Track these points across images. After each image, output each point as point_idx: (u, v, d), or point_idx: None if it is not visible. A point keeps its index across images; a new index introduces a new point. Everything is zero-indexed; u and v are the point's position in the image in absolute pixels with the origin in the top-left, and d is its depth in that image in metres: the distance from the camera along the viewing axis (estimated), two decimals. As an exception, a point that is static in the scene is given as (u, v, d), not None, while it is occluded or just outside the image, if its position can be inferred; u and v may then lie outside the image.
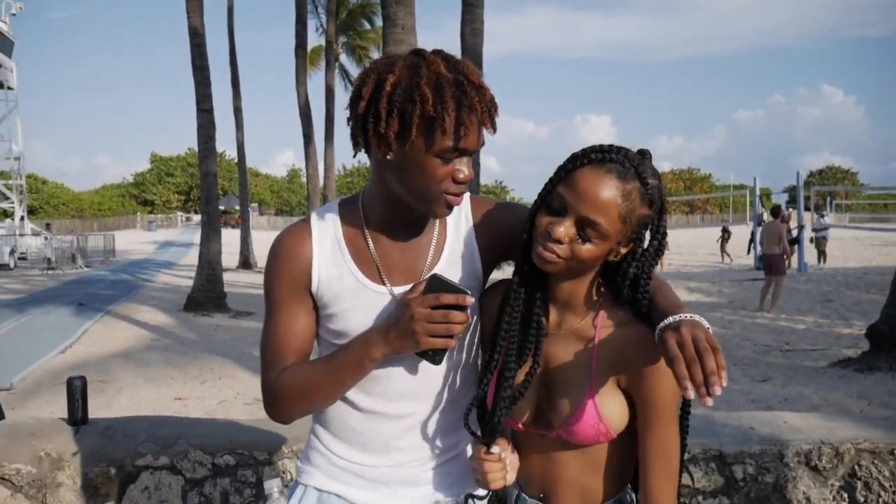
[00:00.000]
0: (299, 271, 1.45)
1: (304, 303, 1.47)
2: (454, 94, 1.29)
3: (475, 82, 1.32)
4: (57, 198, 69.05)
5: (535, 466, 1.47)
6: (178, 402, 7.18)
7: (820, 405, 6.55)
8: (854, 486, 2.55)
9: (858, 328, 10.00)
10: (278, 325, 1.47)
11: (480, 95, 1.32)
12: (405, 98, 1.29)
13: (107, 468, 2.54)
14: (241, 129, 25.04)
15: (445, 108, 1.27)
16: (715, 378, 1.13)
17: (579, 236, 1.29)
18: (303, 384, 1.43)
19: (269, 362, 1.47)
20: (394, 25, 6.94)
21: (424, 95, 1.27)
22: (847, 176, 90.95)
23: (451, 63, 1.34)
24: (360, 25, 33.80)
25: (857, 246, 30.23)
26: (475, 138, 1.33)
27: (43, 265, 25.35)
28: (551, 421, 1.40)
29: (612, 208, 1.26)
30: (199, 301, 14.31)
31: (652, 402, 1.33)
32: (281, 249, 1.47)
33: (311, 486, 1.56)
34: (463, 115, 1.29)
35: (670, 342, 1.19)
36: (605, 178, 1.27)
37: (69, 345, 10.44)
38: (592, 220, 1.26)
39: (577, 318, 1.41)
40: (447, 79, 1.30)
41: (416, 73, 1.30)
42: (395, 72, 1.31)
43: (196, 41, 14.83)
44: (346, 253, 1.47)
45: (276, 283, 1.47)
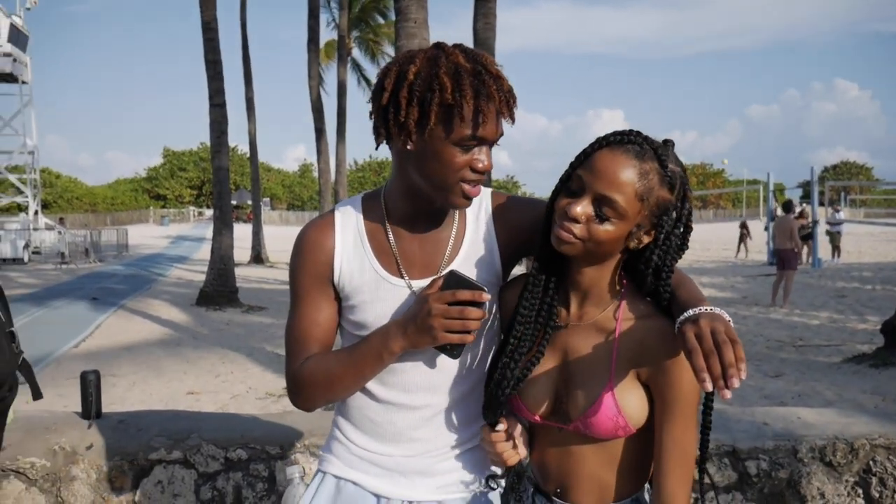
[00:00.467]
0: (322, 263, 1.49)
1: (326, 294, 1.51)
2: (472, 82, 1.32)
3: (493, 72, 1.35)
4: (71, 192, 69.42)
5: (553, 460, 1.47)
6: (190, 397, 7.22)
7: (834, 401, 6.51)
8: (869, 481, 2.53)
9: (873, 324, 9.92)
10: (302, 315, 1.51)
11: (498, 85, 1.35)
12: (425, 87, 1.32)
13: (120, 462, 2.56)
14: (254, 123, 25.09)
15: (464, 96, 1.30)
16: (733, 370, 1.12)
17: (597, 216, 1.29)
18: (325, 374, 1.47)
19: (293, 351, 1.51)
20: (406, 20, 6.93)
21: (443, 84, 1.31)
22: (862, 171, 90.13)
23: (470, 54, 1.37)
24: (373, 20, 33.78)
25: (872, 241, 30.01)
26: (493, 127, 1.35)
27: (57, 259, 25.54)
28: (569, 413, 1.39)
29: (629, 185, 1.27)
30: (211, 296, 14.37)
31: (671, 396, 1.31)
32: (305, 241, 1.52)
33: (329, 473, 1.59)
34: (481, 104, 1.32)
35: (689, 334, 1.19)
36: (622, 156, 1.28)
37: (83, 339, 10.52)
38: (609, 198, 1.27)
39: (597, 310, 1.41)
40: (465, 68, 1.33)
41: (436, 63, 1.33)
42: (416, 63, 1.35)
43: (209, 35, 14.86)
44: (367, 246, 1.50)
45: (300, 274, 1.51)
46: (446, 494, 1.54)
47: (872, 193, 65.45)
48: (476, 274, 1.49)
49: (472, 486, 1.55)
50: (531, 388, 1.43)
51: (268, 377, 7.86)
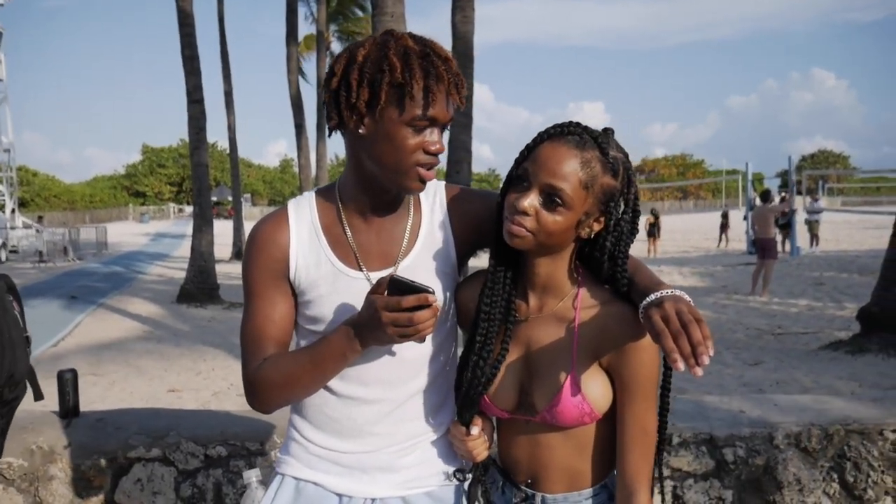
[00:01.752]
0: (277, 259, 1.47)
1: (282, 290, 1.48)
2: (421, 63, 1.34)
3: (442, 55, 1.37)
4: (48, 190, 68.61)
5: (523, 453, 1.48)
6: (171, 394, 7.17)
7: (811, 388, 6.58)
8: (843, 466, 2.57)
9: (850, 311, 10.04)
10: (257, 313, 1.48)
11: (447, 66, 1.37)
12: (374, 68, 1.33)
13: (99, 460, 2.54)
14: (233, 119, 24.90)
15: (413, 76, 1.32)
16: (702, 348, 1.15)
17: (545, 207, 1.31)
18: (284, 375, 1.43)
19: (249, 352, 1.48)
20: (383, 13, 6.90)
21: (393, 64, 1.32)
22: (839, 160, 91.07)
23: (419, 39, 1.39)
24: (352, 13, 33.62)
25: (850, 229, 30.35)
26: (444, 108, 1.36)
27: (35, 258, 25.24)
28: (535, 405, 1.41)
29: (572, 175, 1.30)
30: (191, 293, 14.27)
31: (632, 379, 1.35)
32: (259, 238, 1.49)
33: (288, 475, 1.56)
34: (431, 83, 1.33)
35: (655, 318, 1.20)
36: (564, 147, 1.32)
37: (62, 338, 10.41)
38: (554, 187, 1.30)
39: (556, 301, 1.43)
40: (414, 51, 1.35)
41: (385, 46, 1.35)
42: (365, 47, 1.37)
43: (186, 30, 14.72)
44: (323, 239, 1.49)
45: (254, 271, 1.48)
46: (409, 490, 1.52)
47: (850, 182, 66.14)
48: (432, 265, 1.49)
49: (434, 480, 1.54)
50: (497, 384, 1.45)
51: (250, 373, 7.81)
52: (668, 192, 79.48)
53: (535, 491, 1.48)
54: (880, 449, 2.56)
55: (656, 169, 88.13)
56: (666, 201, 74.30)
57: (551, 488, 1.46)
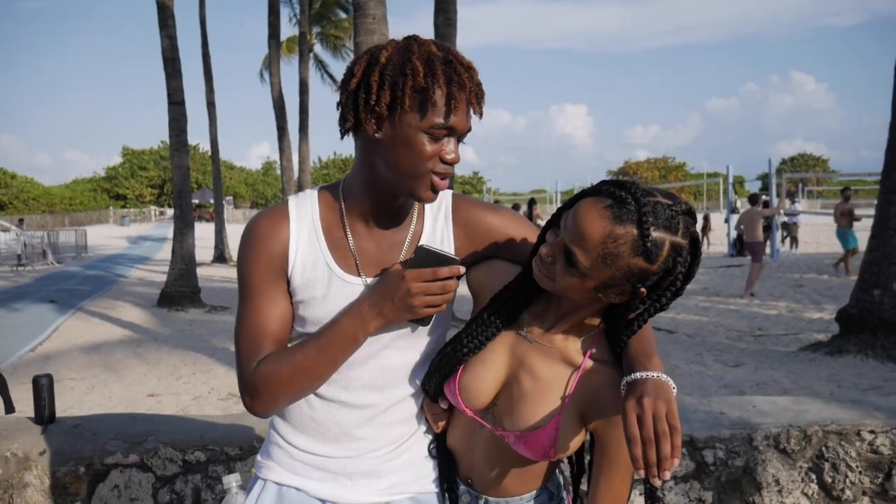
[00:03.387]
0: (277, 254, 1.43)
1: (281, 287, 1.44)
2: (444, 70, 1.31)
3: (465, 63, 1.36)
4: (27, 193, 67.87)
5: (464, 451, 1.51)
6: (151, 399, 7.10)
7: (791, 389, 6.64)
8: (822, 467, 2.59)
9: (829, 312, 10.14)
10: (256, 311, 1.43)
11: (470, 75, 1.35)
12: (397, 71, 1.31)
13: (75, 467, 2.51)
14: (215, 121, 24.74)
15: (436, 81, 1.30)
16: (667, 463, 1.13)
17: (564, 262, 1.26)
18: (290, 369, 1.38)
19: (247, 352, 1.42)
20: (365, 15, 6.90)
21: (416, 69, 1.29)
22: (818, 163, 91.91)
23: (442, 45, 1.37)
24: (335, 15, 33.59)
25: (829, 231, 30.45)
26: (464, 117, 1.34)
27: (13, 261, 24.94)
28: (502, 422, 1.39)
29: (593, 246, 1.20)
30: (173, 296, 14.16)
31: (614, 451, 1.32)
32: (258, 232, 1.44)
33: (269, 480, 1.53)
34: (453, 90, 1.31)
35: (630, 417, 1.17)
36: (598, 214, 1.21)
37: (39, 342, 10.28)
38: (570, 251, 1.23)
39: (568, 339, 1.39)
40: (438, 56, 1.32)
41: (408, 49, 1.33)
42: (388, 49, 1.34)
43: (167, 32, 14.61)
44: (323, 241, 1.45)
45: (252, 266, 1.43)
46: (392, 496, 1.51)
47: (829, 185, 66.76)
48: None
49: (418, 485, 1.54)
50: (475, 383, 1.43)
51: (231, 378, 7.76)
52: (650, 194, 79.80)
53: (473, 490, 1.51)
54: (858, 449, 2.58)
55: (639, 172, 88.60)
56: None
57: (487, 492, 1.49)
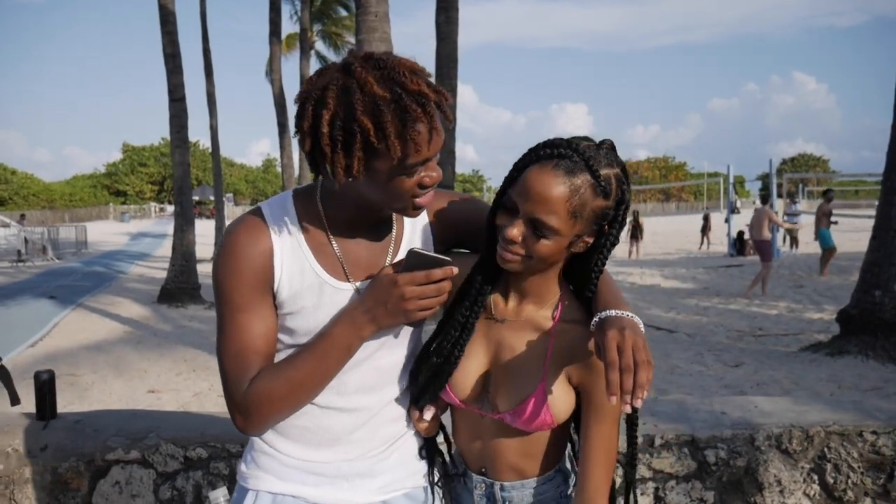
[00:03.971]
0: (260, 268, 1.35)
1: (266, 301, 1.37)
2: (394, 117, 1.20)
3: (414, 90, 1.22)
4: (27, 188, 67.83)
5: (474, 444, 1.52)
6: (151, 395, 7.10)
7: (791, 389, 6.63)
8: (824, 468, 2.58)
9: (829, 313, 10.14)
10: (241, 328, 1.35)
11: (422, 102, 1.22)
12: (346, 133, 1.21)
13: (76, 463, 2.51)
14: (215, 118, 24.73)
15: (387, 136, 1.20)
16: (641, 391, 1.15)
17: (533, 236, 1.27)
18: (285, 385, 1.34)
19: (235, 372, 1.36)
20: (366, 13, 6.89)
21: (364, 127, 1.20)
22: (819, 163, 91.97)
23: (385, 76, 1.22)
24: (335, 12, 33.52)
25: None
26: (429, 147, 1.25)
27: (13, 257, 24.92)
28: (497, 405, 1.41)
29: (560, 205, 1.24)
30: (173, 292, 14.16)
31: (601, 401, 1.34)
32: (237, 243, 1.35)
33: (262, 490, 1.48)
34: (409, 133, 1.21)
35: (611, 344, 1.18)
36: (551, 175, 1.24)
37: (40, 338, 10.28)
38: (541, 220, 1.25)
39: (535, 308, 1.42)
40: (384, 99, 1.20)
41: (350, 100, 1.21)
42: (329, 105, 1.22)
43: (167, 28, 14.59)
44: (307, 248, 1.39)
45: (234, 282, 1.34)
46: (388, 494, 1.51)
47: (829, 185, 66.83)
48: None
49: (411, 480, 1.55)
50: (460, 376, 1.45)
51: (231, 374, 7.75)
52: (651, 194, 79.90)
53: (489, 478, 1.51)
54: (860, 450, 2.58)
55: (639, 171, 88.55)
56: (648, 203, 74.72)
57: (503, 477, 1.49)
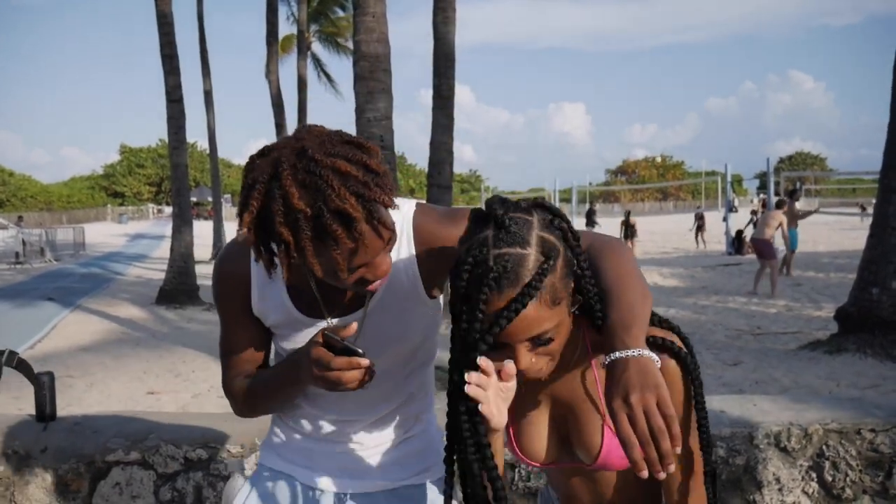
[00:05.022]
0: (240, 295, 1.45)
1: (248, 319, 1.47)
2: (314, 233, 1.13)
3: (338, 209, 1.11)
4: (24, 190, 67.75)
5: (583, 491, 1.41)
6: (150, 397, 7.10)
7: (790, 387, 6.65)
8: (822, 465, 2.59)
9: (828, 311, 10.14)
10: (229, 336, 1.50)
11: (348, 223, 1.12)
12: (268, 242, 1.20)
13: (76, 464, 2.51)
14: (213, 119, 24.74)
15: (306, 255, 1.14)
16: (670, 459, 1.06)
17: (540, 346, 1.19)
18: (252, 393, 1.48)
19: (225, 368, 1.52)
20: (364, 14, 6.88)
21: (284, 239, 1.14)
22: (816, 161, 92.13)
23: (312, 179, 1.12)
24: (333, 13, 33.49)
25: (827, 230, 30.67)
26: (358, 258, 1.17)
27: (10, 259, 24.90)
28: (582, 459, 1.33)
29: (542, 314, 1.15)
30: (171, 294, 14.14)
31: None
32: (222, 272, 1.46)
33: (268, 466, 1.61)
34: (333, 254, 1.14)
35: (621, 418, 1.08)
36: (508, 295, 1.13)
37: (38, 340, 10.27)
38: (537, 337, 1.17)
39: (568, 354, 1.30)
40: (304, 215, 1.11)
41: (272, 208, 1.13)
42: (252, 207, 1.15)
43: (164, 29, 14.58)
44: (283, 287, 1.41)
45: (221, 302, 1.48)
46: (380, 486, 1.56)
47: (826, 184, 66.93)
48: (398, 304, 1.41)
49: (409, 473, 1.58)
50: (533, 445, 1.36)
51: (230, 375, 7.75)
52: (649, 193, 80.00)
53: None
54: (858, 448, 2.59)
55: (637, 170, 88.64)
56: (646, 202, 74.83)
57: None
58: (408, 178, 74.50)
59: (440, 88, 9.71)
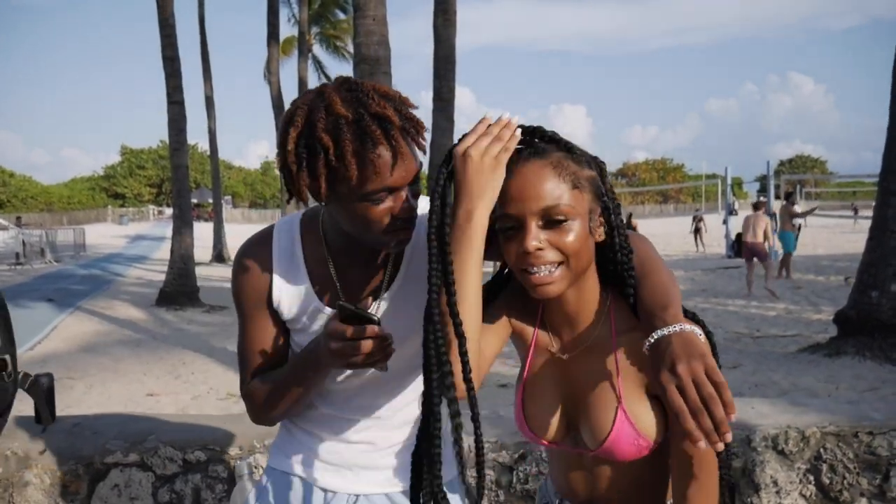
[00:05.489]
0: (261, 289, 1.45)
1: (268, 315, 1.47)
2: (352, 136, 1.20)
3: (378, 113, 1.21)
4: (25, 191, 67.82)
5: (580, 482, 1.40)
6: (150, 399, 7.10)
7: (789, 390, 6.65)
8: (820, 468, 2.59)
9: (827, 314, 10.14)
10: (248, 333, 1.48)
11: (384, 126, 1.21)
12: (308, 151, 1.23)
13: (75, 466, 2.51)
14: (214, 120, 24.76)
15: (344, 156, 1.20)
16: (725, 427, 1.03)
17: (554, 230, 1.17)
18: (269, 388, 1.44)
19: (242, 368, 1.51)
20: (364, 16, 6.89)
21: (324, 144, 1.20)
22: (817, 164, 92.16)
23: (352, 96, 1.23)
24: (333, 15, 33.59)
25: (827, 233, 30.68)
26: (393, 172, 1.23)
27: (11, 260, 24.91)
28: (586, 442, 1.31)
29: (558, 182, 1.17)
30: (171, 295, 14.16)
31: None
32: (243, 265, 1.47)
33: (277, 469, 1.61)
34: (369, 156, 1.20)
35: (671, 391, 1.06)
36: (529, 166, 1.18)
37: (38, 341, 10.28)
38: (551, 207, 1.16)
39: (591, 330, 1.30)
40: (345, 119, 1.20)
41: (314, 118, 1.22)
42: (297, 122, 1.23)
43: (166, 32, 14.62)
44: (305, 275, 1.45)
45: (241, 297, 1.47)
46: (392, 487, 1.56)
47: (827, 187, 67.00)
48: (417, 294, 1.36)
49: None
50: (540, 418, 1.35)
51: (229, 377, 7.76)
52: (649, 195, 80.00)
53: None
54: (856, 451, 2.59)
55: (637, 173, 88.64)
56: (647, 205, 74.81)
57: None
58: (408, 180, 74.40)
59: (441, 91, 9.72)
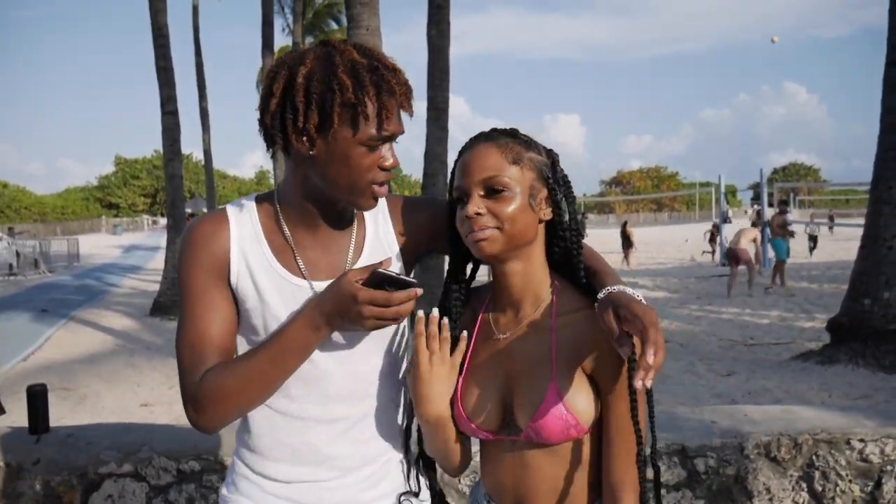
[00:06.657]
0: (217, 258, 1.37)
1: (223, 293, 1.37)
2: (372, 78, 1.28)
3: (390, 65, 1.33)
4: (19, 202, 67.68)
5: (507, 476, 1.40)
6: (143, 409, 7.08)
7: (782, 398, 6.66)
8: (812, 475, 2.61)
9: (820, 321, 10.18)
10: (197, 318, 1.34)
11: (397, 78, 1.32)
12: (323, 88, 1.26)
13: (69, 477, 2.51)
14: (208, 131, 24.71)
15: (366, 93, 1.27)
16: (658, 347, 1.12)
17: (492, 202, 1.31)
18: (238, 380, 1.31)
19: (189, 362, 1.33)
20: (358, 27, 6.91)
21: (343, 83, 1.26)
22: (810, 172, 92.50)
23: (363, 50, 1.34)
24: (327, 25, 33.65)
25: (820, 241, 30.72)
26: (398, 122, 1.33)
27: (4, 271, 24.82)
28: (518, 423, 1.34)
29: (499, 158, 1.32)
30: (165, 305, 14.13)
31: (616, 381, 1.28)
32: (196, 236, 1.38)
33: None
34: (384, 99, 1.29)
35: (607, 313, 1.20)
36: (478, 146, 1.35)
37: (32, 352, 10.25)
38: (490, 178, 1.31)
39: (532, 310, 1.38)
40: (363, 64, 1.29)
41: (330, 61, 1.29)
42: (307, 63, 1.29)
43: (160, 42, 14.65)
44: (266, 245, 1.40)
45: (192, 270, 1.36)
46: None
47: (820, 195, 67.23)
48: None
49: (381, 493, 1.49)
50: (477, 404, 1.38)
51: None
52: (644, 203, 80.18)
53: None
54: (848, 458, 2.60)
55: (631, 181, 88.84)
56: (641, 213, 74.97)
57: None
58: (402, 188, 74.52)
59: (435, 100, 9.73)
